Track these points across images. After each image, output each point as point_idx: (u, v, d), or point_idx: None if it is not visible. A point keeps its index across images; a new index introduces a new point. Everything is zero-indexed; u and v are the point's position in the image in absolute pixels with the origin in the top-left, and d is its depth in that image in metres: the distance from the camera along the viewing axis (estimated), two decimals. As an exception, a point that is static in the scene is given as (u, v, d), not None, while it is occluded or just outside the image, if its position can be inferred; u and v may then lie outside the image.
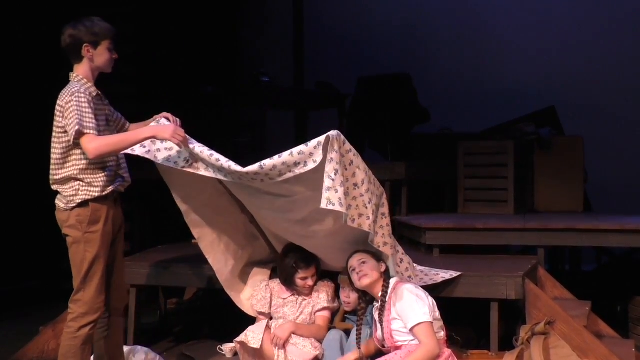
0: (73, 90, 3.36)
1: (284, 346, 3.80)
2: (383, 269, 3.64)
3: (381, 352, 3.64)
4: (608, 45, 8.77)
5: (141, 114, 7.17)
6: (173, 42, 7.90)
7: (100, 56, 3.50)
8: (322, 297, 3.99)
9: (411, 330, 3.41)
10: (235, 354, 4.43)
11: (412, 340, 3.44)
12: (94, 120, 3.34)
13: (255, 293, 4.09)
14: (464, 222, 5.27)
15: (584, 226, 4.97)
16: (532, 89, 8.47)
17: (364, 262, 3.63)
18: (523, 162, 6.47)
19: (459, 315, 4.39)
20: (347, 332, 4.04)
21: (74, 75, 3.49)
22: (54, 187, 3.50)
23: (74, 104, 3.31)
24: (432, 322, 3.42)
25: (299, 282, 3.98)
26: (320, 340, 3.89)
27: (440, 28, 9.37)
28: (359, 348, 3.67)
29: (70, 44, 3.46)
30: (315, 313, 3.98)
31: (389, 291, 3.57)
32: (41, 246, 7.23)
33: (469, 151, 6.44)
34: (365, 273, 3.61)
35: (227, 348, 4.45)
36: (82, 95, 3.35)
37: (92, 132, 3.32)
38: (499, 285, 4.06)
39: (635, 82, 8.62)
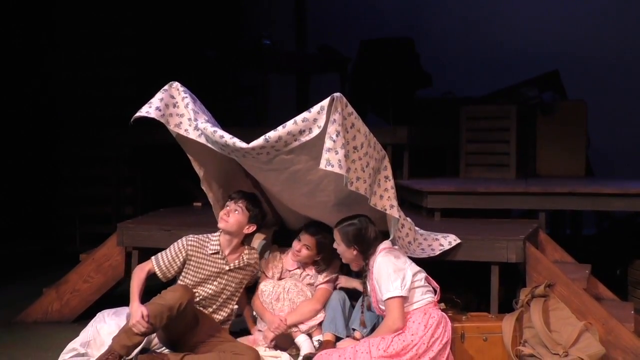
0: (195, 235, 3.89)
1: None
2: (355, 252, 3.60)
3: None
4: (613, 8, 8.66)
5: (142, 78, 7.19)
6: (175, 5, 7.81)
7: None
8: (322, 273, 3.99)
9: (384, 302, 3.44)
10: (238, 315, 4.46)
11: None
12: (163, 263, 3.77)
13: (268, 260, 4.09)
14: (465, 186, 5.26)
15: (586, 190, 4.96)
16: (536, 52, 8.38)
17: (336, 243, 3.66)
18: (525, 126, 6.44)
19: (460, 278, 4.42)
20: (349, 293, 4.05)
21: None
22: None
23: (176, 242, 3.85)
24: (403, 297, 3.40)
25: (294, 244, 3.97)
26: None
27: (444, -9, 9.25)
28: (365, 310, 3.71)
29: None
30: (316, 286, 3.97)
31: (371, 262, 3.56)
32: (44, 210, 7.26)
33: (471, 115, 6.40)
34: (342, 255, 3.68)
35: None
36: (184, 242, 3.80)
37: (152, 262, 3.78)
38: (500, 249, 4.06)
39: (639, 47, 8.54)
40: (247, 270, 3.91)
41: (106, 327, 3.81)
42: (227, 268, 3.83)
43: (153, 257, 3.80)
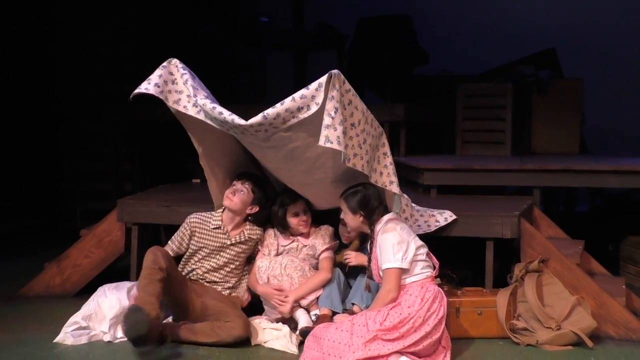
0: (198, 213, 4.02)
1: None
2: (361, 219, 3.63)
3: None
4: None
5: (141, 55, 7.15)
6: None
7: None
8: (319, 241, 4.01)
9: (383, 270, 3.47)
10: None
11: None
12: (175, 243, 3.99)
13: (264, 238, 4.10)
14: (461, 163, 5.27)
15: (580, 167, 4.98)
16: (533, 30, 8.35)
17: (344, 213, 3.68)
18: (521, 104, 6.44)
19: (455, 254, 4.45)
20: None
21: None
22: None
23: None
24: (402, 269, 3.42)
25: (292, 221, 3.97)
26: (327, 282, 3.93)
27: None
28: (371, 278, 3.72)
29: None
30: (318, 256, 4.00)
31: (378, 228, 3.57)
32: (44, 186, 7.26)
33: (467, 93, 6.40)
34: (348, 224, 3.72)
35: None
36: (187, 221, 3.97)
37: (167, 248, 3.97)
38: (495, 225, 4.08)
39: (635, 25, 8.52)
40: (249, 245, 3.99)
41: (107, 301, 3.85)
42: (228, 242, 3.92)
43: (167, 244, 4.04)
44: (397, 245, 3.45)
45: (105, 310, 3.82)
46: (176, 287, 3.75)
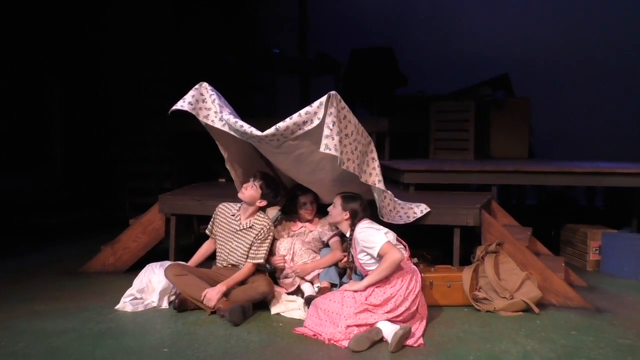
0: (227, 203, 3.99)
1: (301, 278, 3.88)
2: (346, 217, 3.56)
3: None
4: (551, 25, 8.72)
5: (178, 77, 7.14)
6: (202, 20, 7.73)
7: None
8: (326, 228, 4.03)
9: (378, 255, 3.35)
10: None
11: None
12: (210, 227, 3.97)
13: (278, 228, 4.11)
14: (434, 165, 5.26)
15: (528, 169, 4.98)
16: (491, 59, 8.41)
17: (333, 206, 3.63)
18: (482, 118, 6.44)
19: (430, 238, 4.45)
20: None
21: None
22: None
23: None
24: (389, 242, 3.33)
25: (301, 209, 4.00)
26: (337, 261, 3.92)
27: (417, 10, 9.22)
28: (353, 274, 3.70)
29: None
30: (328, 240, 4.02)
31: (354, 235, 3.51)
32: (101, 184, 7.26)
33: (438, 109, 6.40)
34: (330, 214, 3.65)
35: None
36: (217, 208, 3.96)
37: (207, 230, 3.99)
38: (461, 215, 4.09)
39: (572, 54, 8.57)
40: (253, 232, 3.81)
41: (156, 277, 3.87)
42: (238, 228, 3.84)
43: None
44: (374, 231, 3.41)
45: (155, 284, 3.83)
46: (205, 279, 3.71)
